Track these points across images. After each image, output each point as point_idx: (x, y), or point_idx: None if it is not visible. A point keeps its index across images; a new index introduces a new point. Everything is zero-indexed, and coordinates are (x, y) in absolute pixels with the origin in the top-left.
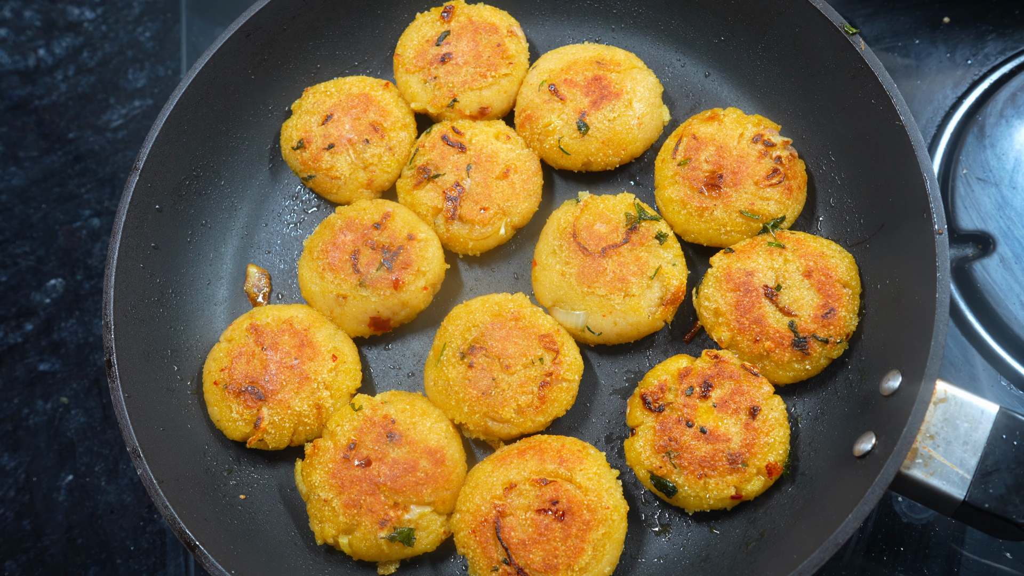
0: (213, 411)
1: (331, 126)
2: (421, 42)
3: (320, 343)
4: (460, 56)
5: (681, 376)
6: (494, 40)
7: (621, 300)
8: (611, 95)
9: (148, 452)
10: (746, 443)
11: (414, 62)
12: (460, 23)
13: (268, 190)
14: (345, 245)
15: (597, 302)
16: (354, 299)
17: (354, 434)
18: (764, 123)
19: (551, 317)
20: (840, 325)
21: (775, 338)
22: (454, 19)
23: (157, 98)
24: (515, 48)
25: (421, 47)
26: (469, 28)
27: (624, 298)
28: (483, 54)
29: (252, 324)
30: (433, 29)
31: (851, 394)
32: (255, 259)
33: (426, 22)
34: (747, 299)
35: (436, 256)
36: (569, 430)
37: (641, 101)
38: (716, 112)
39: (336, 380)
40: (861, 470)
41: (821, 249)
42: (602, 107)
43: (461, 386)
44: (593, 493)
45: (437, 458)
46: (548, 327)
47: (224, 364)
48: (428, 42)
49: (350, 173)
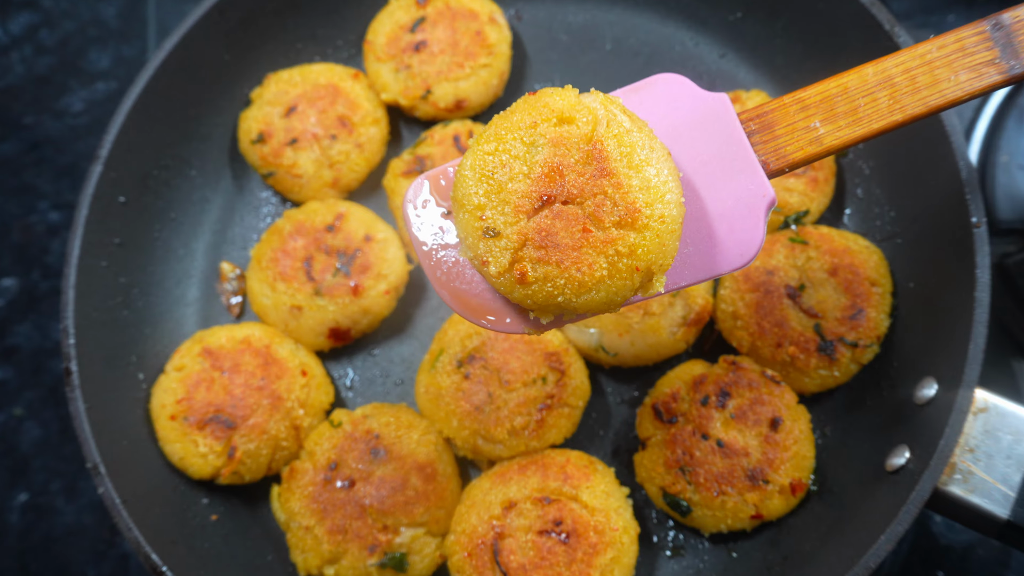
0: (174, 449)
1: (295, 119)
2: (394, 28)
3: (285, 359)
4: (436, 44)
5: (696, 384)
6: (473, 28)
7: (640, 318)
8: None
9: (110, 468)
10: (767, 457)
11: (386, 50)
12: (437, 9)
13: (243, 181)
14: (296, 251)
15: (613, 319)
16: (310, 309)
17: (334, 453)
18: None
19: (562, 333)
20: (869, 327)
21: (799, 342)
22: (430, 4)
23: (122, 81)
24: (496, 37)
25: (394, 34)
26: (446, 14)
27: (643, 316)
28: (460, 42)
29: (205, 348)
30: (408, 15)
31: (882, 403)
32: (228, 256)
33: (400, 7)
34: (767, 300)
35: (397, 257)
36: (574, 444)
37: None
38: (739, 95)
39: (310, 397)
40: (894, 487)
41: (848, 245)
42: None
43: (453, 397)
44: (600, 513)
45: (428, 473)
46: (557, 344)
47: (180, 395)
48: (402, 28)
49: (314, 171)
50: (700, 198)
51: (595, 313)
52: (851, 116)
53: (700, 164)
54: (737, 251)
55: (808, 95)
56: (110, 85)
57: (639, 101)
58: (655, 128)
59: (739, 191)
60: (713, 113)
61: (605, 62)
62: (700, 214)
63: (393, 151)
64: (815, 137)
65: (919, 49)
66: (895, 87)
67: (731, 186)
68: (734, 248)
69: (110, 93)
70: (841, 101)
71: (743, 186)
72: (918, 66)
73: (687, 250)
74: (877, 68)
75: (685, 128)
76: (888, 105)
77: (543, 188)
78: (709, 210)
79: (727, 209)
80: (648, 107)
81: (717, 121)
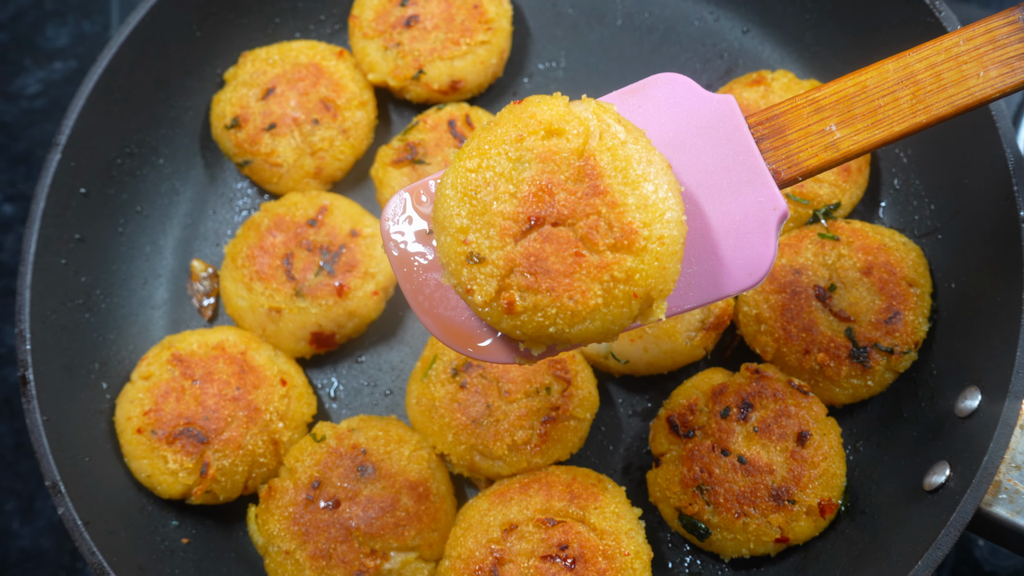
0: (140, 465)
1: (273, 102)
2: (383, 1)
3: (263, 367)
4: (428, 19)
5: (715, 394)
6: (470, 1)
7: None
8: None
9: (71, 487)
10: (794, 475)
11: (373, 25)
12: None
13: (216, 171)
14: (275, 248)
15: None
16: (290, 312)
17: (317, 470)
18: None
19: None
20: (907, 332)
21: (829, 349)
22: None
23: (83, 59)
24: (495, 11)
25: (382, 8)
26: None
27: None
28: (456, 17)
29: (174, 355)
30: None
31: (920, 415)
32: (200, 253)
33: None
34: (794, 302)
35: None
36: (581, 460)
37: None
38: (763, 75)
39: (290, 408)
40: (933, 507)
41: (883, 241)
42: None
43: (448, 409)
44: (610, 536)
45: (420, 493)
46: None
47: (147, 406)
48: (391, 2)
49: (294, 160)
50: (704, 213)
51: (590, 343)
52: (871, 118)
53: (704, 175)
54: (745, 270)
55: (823, 95)
56: (69, 64)
57: (637, 105)
58: (654, 136)
59: (747, 204)
60: (718, 117)
61: (615, 39)
62: (704, 231)
63: (382, 138)
64: (831, 142)
65: (944, 42)
66: (918, 85)
67: (738, 199)
68: (742, 267)
69: (69, 73)
70: (859, 101)
71: (752, 199)
72: (944, 61)
73: (690, 270)
74: (898, 64)
75: (687, 135)
76: (911, 105)
77: (531, 209)
78: (714, 226)
79: (734, 224)
80: (646, 112)
81: (722, 126)
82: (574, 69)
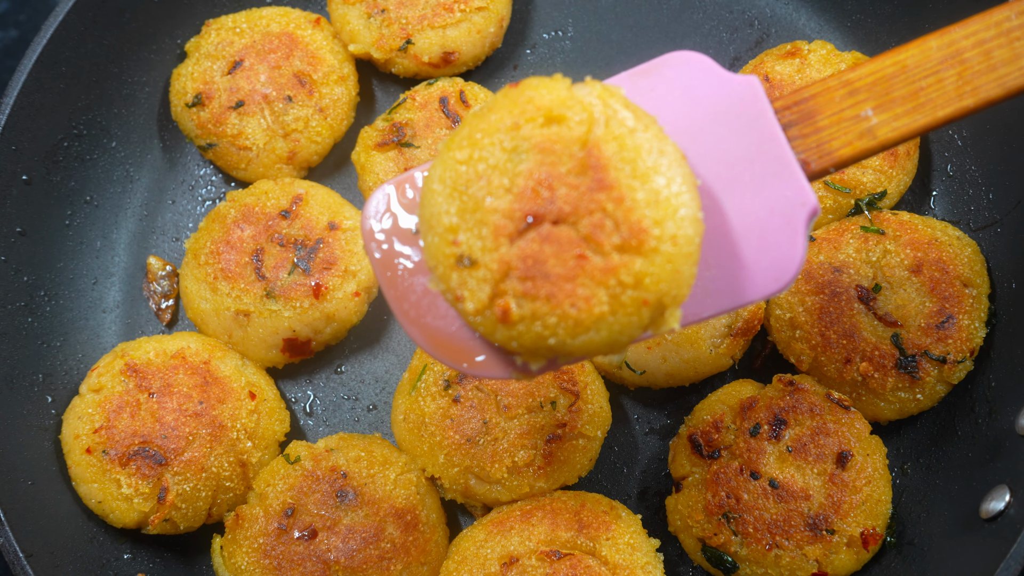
0: (90, 490)
1: (240, 77)
2: None
3: (229, 378)
4: None
5: (744, 409)
6: None
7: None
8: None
9: (11, 514)
10: (833, 502)
11: None
12: None
13: (175, 155)
14: (243, 243)
15: None
16: (260, 316)
17: (291, 495)
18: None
19: None
20: (961, 339)
21: (873, 357)
22: None
23: (24, 28)
24: None
25: None
26: None
27: None
28: None
29: (128, 364)
30: None
31: (977, 433)
32: (158, 249)
33: None
34: (834, 305)
35: None
36: (591, 484)
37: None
38: (798, 46)
39: (260, 425)
40: (991, 537)
41: (935, 235)
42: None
43: (439, 426)
44: (624, 571)
45: (407, 522)
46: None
47: (98, 422)
48: None
49: (265, 142)
50: (723, 210)
51: (595, 355)
52: (911, 101)
53: (723, 167)
54: (771, 273)
55: (857, 76)
56: (8, 34)
57: (648, 87)
58: (667, 123)
59: (772, 199)
60: (740, 102)
61: (630, 5)
62: (723, 229)
63: (364, 117)
64: (867, 129)
65: (994, 16)
66: (965, 64)
67: (762, 193)
68: (766, 270)
69: (8, 44)
70: (898, 83)
71: (777, 192)
72: (994, 37)
73: (708, 274)
74: (942, 40)
75: (705, 122)
76: (957, 87)
77: (528, 205)
78: (735, 224)
79: (757, 222)
80: (659, 96)
81: (745, 111)
82: (583, 39)
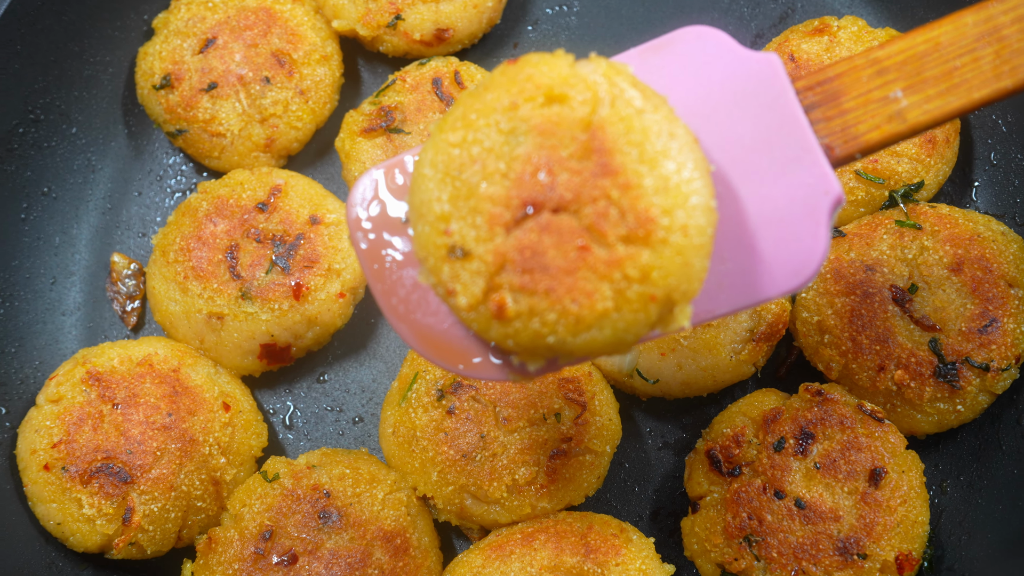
0: (48, 510)
1: (213, 56)
2: None
3: (200, 387)
4: None
5: (767, 422)
6: None
7: (689, 332)
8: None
9: None
10: (865, 523)
11: None
12: None
13: (142, 142)
14: (216, 239)
15: None
16: (235, 319)
17: (269, 516)
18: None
19: None
20: (1006, 344)
21: (908, 365)
22: None
23: None
24: None
25: None
26: None
27: (694, 329)
28: None
29: (90, 372)
30: None
31: (1023, 448)
32: (123, 246)
33: None
34: (866, 307)
35: None
36: (599, 505)
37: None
38: (827, 22)
39: (235, 439)
40: None
41: (976, 230)
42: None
43: (432, 441)
44: None
45: (396, 545)
46: (575, 367)
47: (57, 437)
48: None
49: (240, 128)
50: (739, 198)
51: (598, 356)
52: (944, 82)
53: (739, 151)
54: (790, 268)
55: (886, 54)
56: None
57: (658, 65)
58: (679, 104)
59: (793, 187)
60: (758, 81)
61: None
62: (739, 219)
63: (349, 100)
64: (896, 111)
65: None
66: (1004, 41)
67: (782, 180)
68: (786, 264)
69: None
70: (931, 62)
71: (798, 180)
72: None
73: (721, 268)
74: (979, 16)
75: (720, 103)
76: (994, 66)
77: (526, 192)
78: (751, 214)
79: (776, 212)
80: (670, 74)
81: (764, 92)
82: (589, 14)
